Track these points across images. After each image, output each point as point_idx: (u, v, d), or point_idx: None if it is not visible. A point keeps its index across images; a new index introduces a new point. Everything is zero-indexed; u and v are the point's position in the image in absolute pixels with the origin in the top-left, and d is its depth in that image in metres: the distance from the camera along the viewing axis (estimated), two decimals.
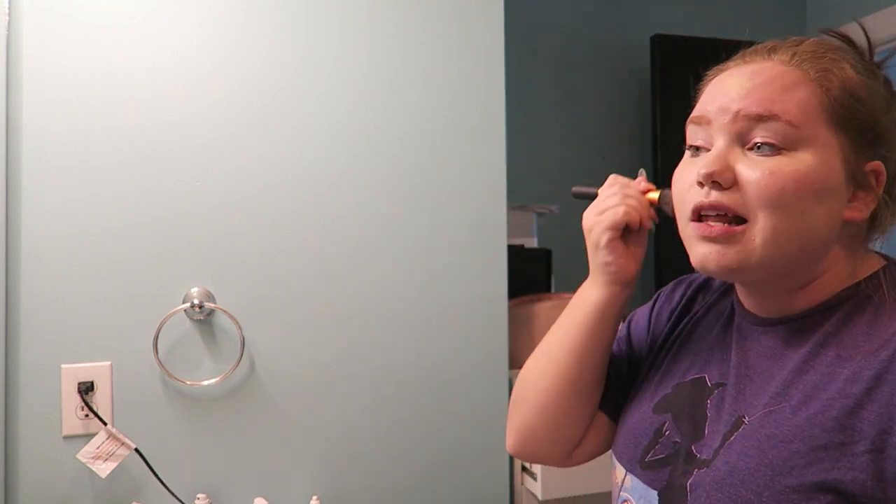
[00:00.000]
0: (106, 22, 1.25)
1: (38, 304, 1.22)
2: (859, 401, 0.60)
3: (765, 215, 0.64)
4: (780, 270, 0.67)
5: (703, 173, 0.66)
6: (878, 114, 0.67)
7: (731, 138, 0.67)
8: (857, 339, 0.64)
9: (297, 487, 1.33)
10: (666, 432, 0.73)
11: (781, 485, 0.60)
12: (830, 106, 0.65)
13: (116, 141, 1.26)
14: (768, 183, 0.64)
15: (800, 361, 0.66)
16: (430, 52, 1.40)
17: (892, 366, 0.59)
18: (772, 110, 0.65)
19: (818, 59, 0.67)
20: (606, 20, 2.44)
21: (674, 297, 0.87)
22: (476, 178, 1.42)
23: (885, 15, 2.44)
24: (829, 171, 0.65)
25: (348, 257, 1.36)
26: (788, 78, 0.66)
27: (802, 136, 0.64)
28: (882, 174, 0.68)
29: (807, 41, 0.70)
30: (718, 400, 0.71)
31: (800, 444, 0.60)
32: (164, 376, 1.27)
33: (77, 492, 1.23)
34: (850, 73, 0.67)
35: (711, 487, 0.64)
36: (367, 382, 1.37)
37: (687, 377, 0.76)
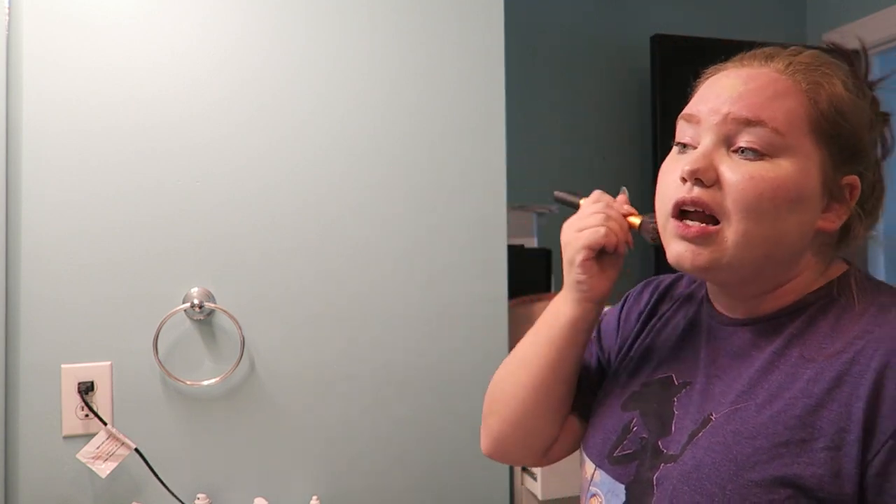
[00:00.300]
0: (106, 22, 1.25)
1: (38, 304, 1.22)
2: (820, 400, 0.63)
3: (738, 219, 0.67)
4: (751, 272, 0.70)
5: (688, 170, 0.68)
6: (860, 131, 0.70)
7: (718, 139, 0.69)
8: (820, 341, 0.67)
9: (297, 487, 1.33)
10: (633, 428, 0.76)
11: (744, 479, 0.62)
12: (816, 119, 0.68)
13: (116, 141, 1.26)
14: (747, 187, 0.66)
15: (766, 361, 0.69)
16: (430, 52, 1.40)
17: (852, 368, 0.62)
18: (759, 116, 0.67)
19: (811, 72, 0.69)
20: (606, 20, 2.44)
21: (642, 298, 0.90)
22: (476, 178, 1.42)
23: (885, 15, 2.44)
24: (807, 182, 0.67)
25: (348, 257, 1.36)
26: (780, 86, 0.68)
27: (786, 145, 0.67)
28: (857, 189, 0.70)
29: (806, 52, 0.72)
30: (686, 398, 0.73)
31: (763, 441, 0.63)
32: (164, 376, 1.27)
33: (77, 492, 1.23)
34: (839, 88, 0.69)
35: (678, 481, 0.67)
36: (367, 382, 1.37)
37: (655, 376, 0.79)
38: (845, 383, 0.62)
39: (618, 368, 0.86)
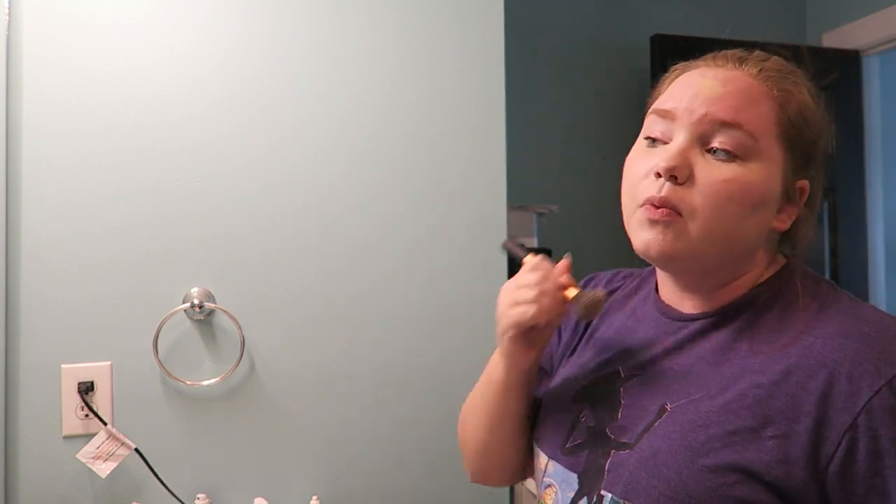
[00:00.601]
0: (106, 22, 1.25)
1: (38, 304, 1.22)
2: (769, 392, 0.66)
3: (706, 216, 0.69)
4: (711, 266, 0.73)
5: (664, 167, 0.69)
6: (817, 138, 0.74)
7: (694, 137, 0.70)
8: (767, 335, 0.70)
9: (297, 487, 1.33)
10: (582, 419, 0.79)
11: (698, 464, 0.66)
12: (785, 125, 0.71)
13: (116, 141, 1.26)
14: (721, 189, 0.69)
15: (715, 354, 0.72)
16: (430, 52, 1.40)
17: (800, 361, 0.66)
18: (737, 119, 0.69)
19: (782, 80, 0.72)
20: (606, 20, 2.44)
21: None
22: (476, 178, 1.42)
23: (885, 15, 2.44)
24: (771, 185, 0.71)
25: (348, 257, 1.36)
26: (755, 91, 0.71)
27: (757, 149, 0.69)
28: (806, 192, 0.75)
29: (772, 58, 0.74)
30: (633, 388, 0.77)
31: (716, 429, 0.67)
32: (164, 376, 1.27)
33: (77, 492, 1.23)
34: (806, 96, 0.73)
35: (635, 467, 0.70)
36: (367, 382, 1.37)
37: (602, 371, 0.82)
38: (793, 375, 0.66)
39: (566, 365, 0.89)
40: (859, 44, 2.54)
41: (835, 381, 0.64)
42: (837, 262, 2.51)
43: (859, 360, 0.64)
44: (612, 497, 0.72)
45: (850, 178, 2.56)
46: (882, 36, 2.46)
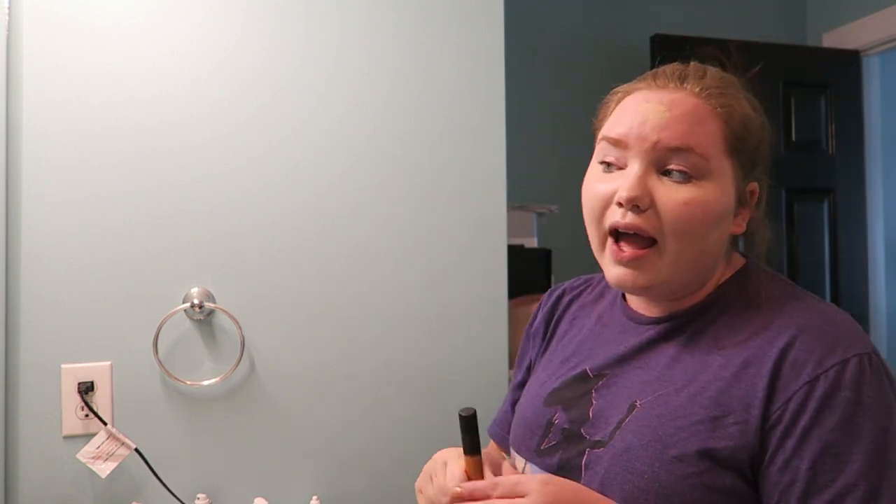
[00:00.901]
0: (106, 22, 1.25)
1: (38, 304, 1.22)
2: (729, 382, 0.70)
3: (673, 240, 0.73)
4: (683, 284, 0.77)
5: (625, 197, 0.73)
6: (760, 143, 0.77)
7: (649, 164, 0.73)
8: (728, 332, 0.75)
9: (297, 487, 1.33)
10: (556, 421, 0.82)
11: (668, 455, 0.70)
12: (730, 139, 0.74)
13: (116, 141, 1.26)
14: (682, 212, 0.72)
15: (675, 352, 0.77)
16: (430, 52, 1.40)
17: (757, 353, 0.71)
18: (688, 143, 0.72)
19: (722, 95, 0.75)
20: (606, 20, 2.44)
21: (546, 308, 0.97)
22: (476, 178, 1.42)
23: (885, 15, 2.44)
24: (727, 198, 0.74)
25: (348, 257, 1.36)
26: (701, 111, 0.73)
27: (710, 168, 0.73)
28: (756, 193, 0.79)
29: (709, 73, 0.77)
30: (603, 388, 0.80)
31: (683, 421, 0.71)
32: (164, 376, 1.27)
33: (77, 492, 1.23)
34: (746, 108, 0.76)
35: (610, 463, 0.73)
36: (367, 382, 1.37)
37: (571, 372, 0.85)
38: (751, 366, 0.70)
39: (536, 370, 0.93)
40: (859, 44, 2.54)
41: (781, 369, 0.69)
42: (837, 262, 2.51)
43: (807, 350, 0.68)
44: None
45: (850, 178, 2.56)
46: (882, 36, 2.46)
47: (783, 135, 2.47)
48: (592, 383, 0.81)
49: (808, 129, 2.49)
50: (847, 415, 0.66)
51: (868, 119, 2.61)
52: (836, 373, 0.67)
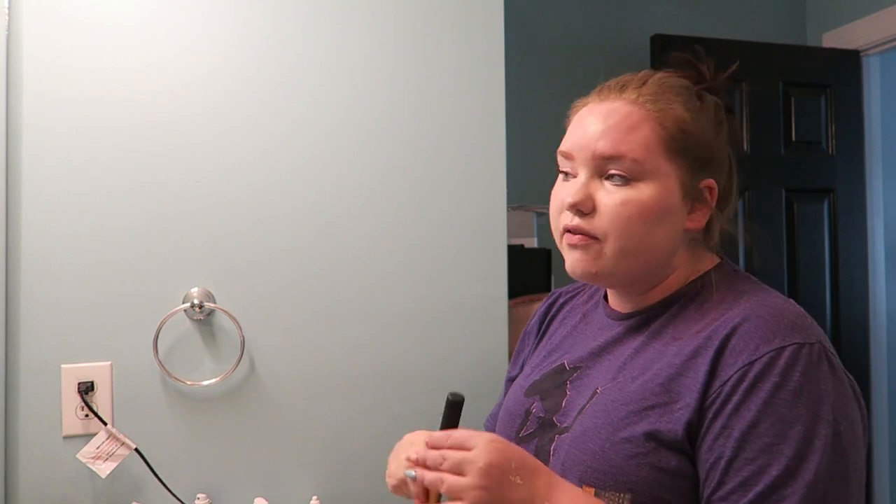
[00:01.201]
0: (106, 22, 1.25)
1: (38, 304, 1.22)
2: (679, 370, 0.76)
3: (614, 238, 0.80)
4: (634, 276, 0.83)
5: (570, 202, 0.81)
6: (707, 141, 0.82)
7: (591, 171, 0.81)
8: (687, 325, 0.80)
9: (297, 487, 1.33)
10: (533, 410, 0.88)
11: (619, 437, 0.75)
12: (667, 140, 0.80)
13: (116, 141, 1.26)
14: (619, 213, 0.79)
15: (639, 344, 0.83)
16: (430, 53, 1.40)
17: (708, 342, 0.75)
18: (620, 151, 0.79)
19: (657, 101, 0.81)
20: (606, 20, 2.44)
21: (542, 310, 1.05)
22: (476, 178, 1.42)
23: (885, 15, 2.44)
24: (669, 196, 0.80)
25: (348, 257, 1.36)
26: (634, 118, 0.80)
27: (645, 170, 0.79)
28: (714, 189, 0.83)
29: (650, 79, 0.83)
30: (577, 380, 0.86)
31: (634, 406, 0.77)
32: (164, 376, 1.27)
33: (77, 492, 1.23)
34: (681, 111, 0.81)
35: (569, 446, 0.79)
36: (367, 382, 1.37)
37: (552, 365, 0.92)
38: (700, 355, 0.75)
39: (525, 366, 1.00)
40: (859, 44, 2.54)
41: (723, 355, 0.73)
42: (837, 262, 2.51)
43: (747, 338, 0.73)
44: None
45: (850, 178, 2.56)
46: (882, 36, 2.46)
47: (783, 135, 2.47)
48: (568, 375, 0.88)
49: (808, 129, 2.49)
50: (772, 398, 0.70)
51: (868, 119, 2.61)
52: (770, 358, 0.71)
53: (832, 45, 2.62)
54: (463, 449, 0.72)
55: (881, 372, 2.57)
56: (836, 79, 2.53)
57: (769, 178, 2.43)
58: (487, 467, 0.70)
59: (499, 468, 0.71)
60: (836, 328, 2.48)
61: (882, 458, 2.57)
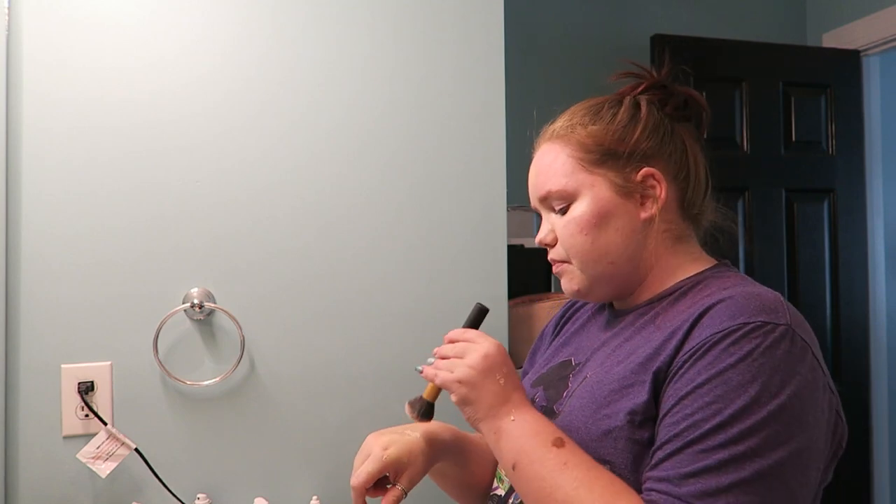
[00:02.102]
0: (106, 22, 1.25)
1: (38, 304, 1.22)
2: (657, 348, 0.80)
3: (573, 256, 0.88)
4: (613, 280, 0.89)
5: (538, 240, 0.92)
6: (624, 138, 0.88)
7: (546, 210, 0.92)
8: (674, 314, 0.83)
9: (297, 487, 1.33)
10: (536, 399, 0.93)
11: (600, 413, 0.80)
12: (579, 159, 0.88)
13: (116, 141, 1.26)
14: (565, 235, 0.88)
15: (630, 334, 0.87)
16: (430, 53, 1.40)
17: (683, 324, 0.79)
18: (548, 189, 0.89)
19: (565, 130, 0.90)
20: (606, 20, 2.44)
21: (561, 310, 1.11)
22: (476, 178, 1.42)
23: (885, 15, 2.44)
24: (602, 202, 0.86)
25: (348, 257, 1.36)
26: (552, 154, 0.90)
27: (571, 192, 0.88)
28: (654, 174, 0.87)
29: (567, 113, 0.93)
30: (578, 372, 0.91)
31: (615, 384, 0.81)
32: (164, 376, 1.27)
33: (77, 492, 1.23)
34: (580, 132, 0.89)
35: (560, 425, 0.83)
36: (368, 382, 1.37)
37: (558, 360, 0.98)
38: (675, 335, 0.79)
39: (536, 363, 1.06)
40: (859, 44, 2.54)
41: (691, 333, 0.77)
42: (837, 262, 2.51)
43: (715, 316, 0.76)
44: None
45: (850, 178, 2.56)
46: (882, 36, 2.46)
47: (783, 135, 2.47)
48: (571, 369, 0.93)
49: (808, 129, 2.49)
50: (720, 362, 0.73)
51: (868, 119, 2.61)
52: (728, 331, 0.74)
53: (832, 45, 2.62)
54: (473, 342, 0.86)
55: (881, 372, 2.57)
56: (836, 79, 2.53)
57: (769, 178, 2.43)
58: (485, 355, 0.84)
59: (493, 361, 0.84)
60: (836, 328, 2.47)
61: (882, 458, 2.57)
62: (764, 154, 2.43)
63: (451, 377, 0.86)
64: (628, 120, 0.89)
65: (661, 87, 0.94)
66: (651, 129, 0.89)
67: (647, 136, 0.88)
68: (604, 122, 0.89)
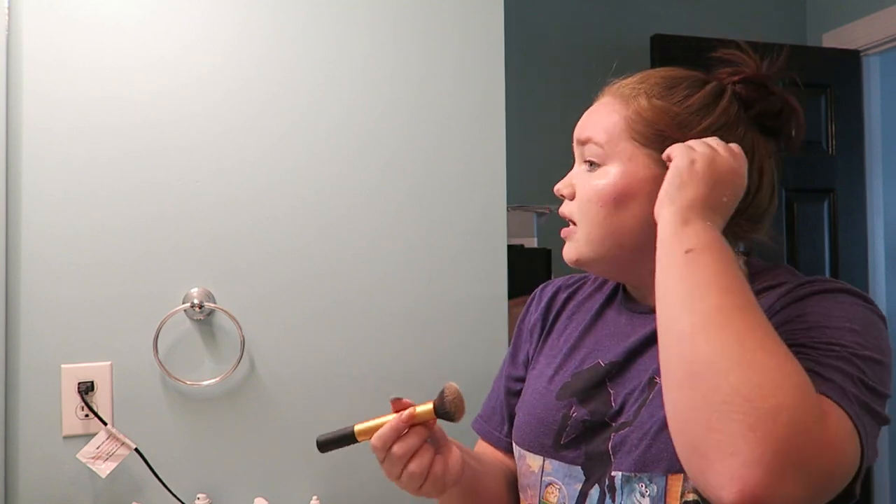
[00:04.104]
0: (106, 22, 1.25)
1: (38, 304, 1.22)
2: None
3: (580, 221, 0.82)
4: (616, 263, 0.83)
5: (556, 188, 0.86)
6: (679, 127, 0.79)
7: (580, 158, 0.85)
8: None
9: (297, 487, 1.33)
10: (573, 414, 0.83)
11: None
12: (633, 126, 0.80)
13: (116, 141, 1.26)
14: (583, 195, 0.82)
15: None
16: (430, 53, 1.40)
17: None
18: (587, 135, 0.83)
19: (633, 91, 0.82)
20: (606, 20, 2.44)
21: (540, 304, 1.00)
22: (476, 178, 1.42)
23: (886, 15, 2.44)
24: (633, 181, 0.79)
25: (348, 257, 1.36)
26: (607, 108, 0.83)
27: (609, 153, 0.80)
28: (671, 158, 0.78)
29: (640, 73, 0.85)
30: (617, 376, 0.82)
31: None
32: (164, 376, 1.27)
33: (77, 492, 1.23)
34: (642, 101, 0.81)
35: (638, 439, 0.75)
36: (368, 382, 1.37)
37: (583, 365, 0.86)
38: None
39: (536, 366, 0.94)
40: (859, 44, 2.54)
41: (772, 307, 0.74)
42: (837, 262, 2.51)
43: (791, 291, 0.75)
44: (622, 475, 0.76)
45: (850, 178, 2.56)
46: (882, 36, 2.46)
47: None
48: (605, 374, 0.83)
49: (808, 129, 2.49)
50: (815, 298, 0.73)
51: (868, 119, 2.61)
52: (808, 282, 0.75)
53: (832, 45, 2.62)
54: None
55: None
56: (836, 79, 2.53)
57: None
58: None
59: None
60: None
61: (882, 458, 2.57)
62: None
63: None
64: (700, 107, 0.81)
65: (762, 84, 0.85)
66: (718, 127, 0.80)
67: (711, 132, 0.80)
68: (673, 100, 0.81)
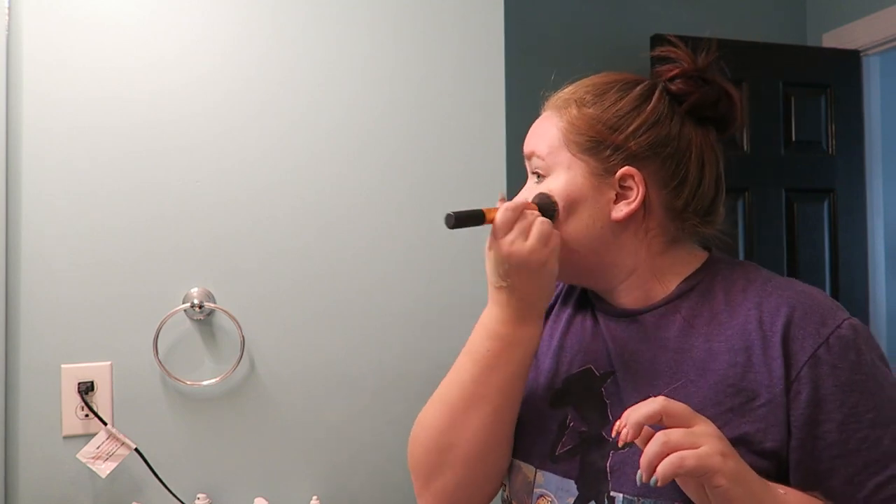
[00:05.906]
0: (106, 22, 1.25)
1: (38, 304, 1.22)
2: (745, 368, 0.73)
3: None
4: (577, 266, 0.83)
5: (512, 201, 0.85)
6: (611, 132, 0.80)
7: (529, 169, 0.87)
8: (720, 318, 0.77)
9: (297, 487, 1.33)
10: (570, 424, 0.81)
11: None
12: (569, 136, 0.82)
13: (116, 141, 1.26)
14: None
15: (676, 343, 0.78)
16: (430, 53, 1.40)
17: (758, 335, 0.74)
18: (531, 149, 0.85)
19: (561, 105, 0.84)
20: (606, 20, 2.44)
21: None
22: (476, 178, 1.42)
23: (885, 15, 2.44)
24: (573, 188, 0.80)
25: (348, 257, 1.36)
26: (547, 121, 0.85)
27: (550, 164, 0.82)
28: (636, 175, 0.79)
29: (570, 87, 0.87)
30: (612, 387, 0.80)
31: (712, 410, 0.72)
32: (164, 376, 1.27)
33: (77, 492, 1.23)
34: (573, 111, 0.82)
35: (632, 455, 0.73)
36: (368, 382, 1.37)
37: (573, 370, 0.85)
38: (755, 347, 0.73)
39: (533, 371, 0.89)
40: (859, 44, 2.54)
41: (790, 347, 0.72)
42: (838, 262, 2.51)
43: (804, 324, 0.73)
44: (623, 497, 0.74)
45: (850, 178, 2.56)
46: (882, 36, 2.46)
47: (783, 135, 2.47)
48: (600, 382, 0.81)
49: (808, 129, 2.49)
50: (858, 374, 0.71)
51: (868, 119, 2.61)
52: (836, 339, 0.72)
53: (832, 45, 2.62)
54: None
55: None
56: (836, 79, 2.53)
57: (769, 178, 2.43)
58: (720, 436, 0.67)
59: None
60: None
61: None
62: (764, 154, 2.43)
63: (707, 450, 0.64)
64: (629, 109, 0.81)
65: (699, 77, 0.82)
66: (649, 126, 0.80)
67: (642, 132, 0.79)
68: (603, 106, 0.81)
